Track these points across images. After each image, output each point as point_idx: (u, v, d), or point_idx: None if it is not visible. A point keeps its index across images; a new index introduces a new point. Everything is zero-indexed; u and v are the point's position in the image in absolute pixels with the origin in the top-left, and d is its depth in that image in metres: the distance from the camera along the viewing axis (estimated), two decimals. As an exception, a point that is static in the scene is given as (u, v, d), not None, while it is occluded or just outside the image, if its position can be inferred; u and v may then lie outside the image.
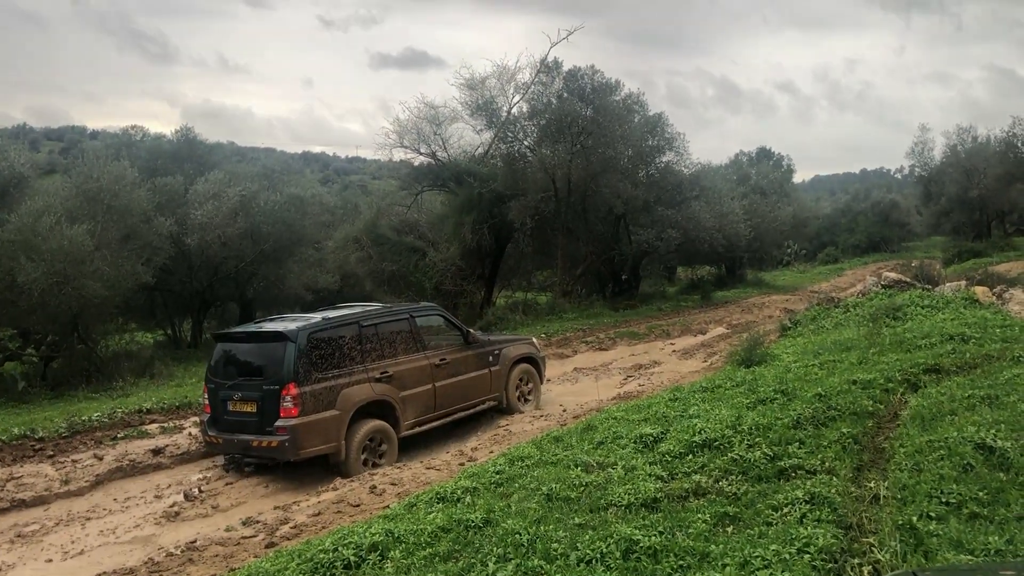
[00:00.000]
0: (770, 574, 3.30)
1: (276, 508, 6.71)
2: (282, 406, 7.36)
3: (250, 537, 5.87)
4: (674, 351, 14.40)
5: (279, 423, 7.35)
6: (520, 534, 4.05)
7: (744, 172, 33.37)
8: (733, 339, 13.55)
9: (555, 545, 3.88)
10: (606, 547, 3.74)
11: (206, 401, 8.12)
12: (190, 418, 9.92)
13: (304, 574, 4.15)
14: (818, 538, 3.53)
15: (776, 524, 3.87)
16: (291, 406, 7.34)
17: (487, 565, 3.78)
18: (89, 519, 7.09)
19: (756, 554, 3.47)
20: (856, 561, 3.42)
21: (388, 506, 5.64)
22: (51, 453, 8.63)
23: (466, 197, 20.46)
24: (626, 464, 5.13)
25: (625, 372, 12.68)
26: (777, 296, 23.88)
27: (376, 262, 21.12)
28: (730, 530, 3.91)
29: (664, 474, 4.86)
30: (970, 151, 33.47)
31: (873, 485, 4.33)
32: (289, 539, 5.59)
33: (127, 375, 12.80)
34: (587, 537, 3.91)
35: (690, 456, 5.13)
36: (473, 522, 4.39)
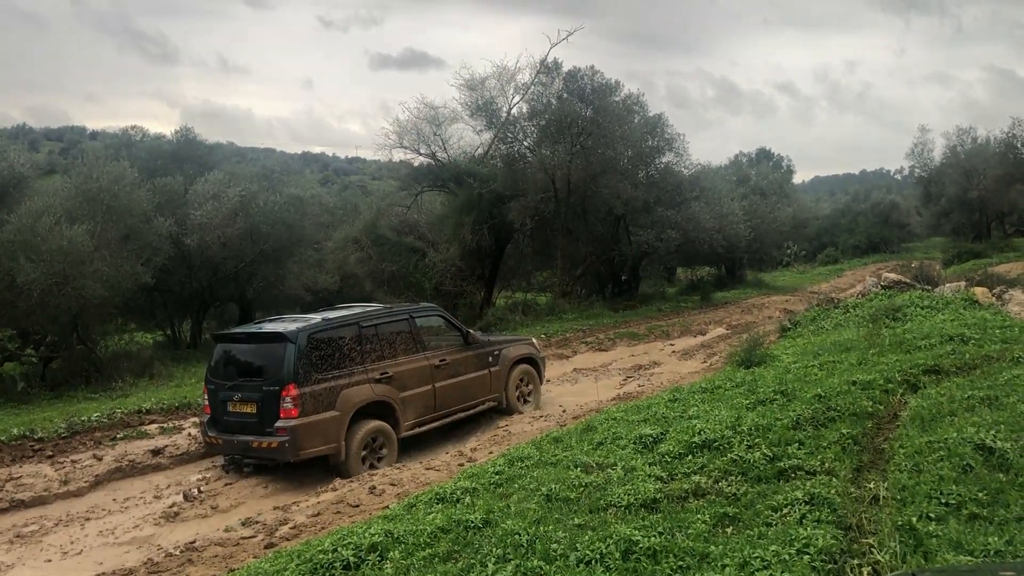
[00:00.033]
0: (770, 575, 3.31)
1: (275, 508, 6.71)
2: (282, 407, 7.36)
3: (249, 537, 5.87)
4: (674, 352, 14.40)
5: (279, 424, 7.35)
6: (519, 535, 4.05)
7: (744, 173, 33.40)
8: (733, 340, 13.55)
9: (555, 546, 3.88)
10: (606, 548, 3.74)
11: (206, 402, 8.12)
12: (189, 419, 9.92)
13: (303, 574, 4.15)
14: (818, 539, 3.54)
15: (776, 525, 3.87)
16: (291, 407, 7.34)
17: (486, 566, 3.78)
18: (88, 519, 7.09)
19: (756, 555, 3.47)
20: (856, 562, 3.42)
21: (387, 507, 5.63)
22: (50, 453, 8.63)
23: (466, 198, 20.46)
24: (626, 465, 5.13)
25: (625, 373, 12.68)
26: (777, 297, 23.88)
27: (376, 263, 21.12)
28: (730, 531, 3.91)
29: (664, 475, 4.86)
30: (970, 152, 33.48)
31: (873, 486, 4.33)
32: (288, 540, 5.58)
33: (126, 375, 12.80)
34: (587, 538, 3.91)
35: (690, 457, 5.13)
36: (472, 523, 4.39)
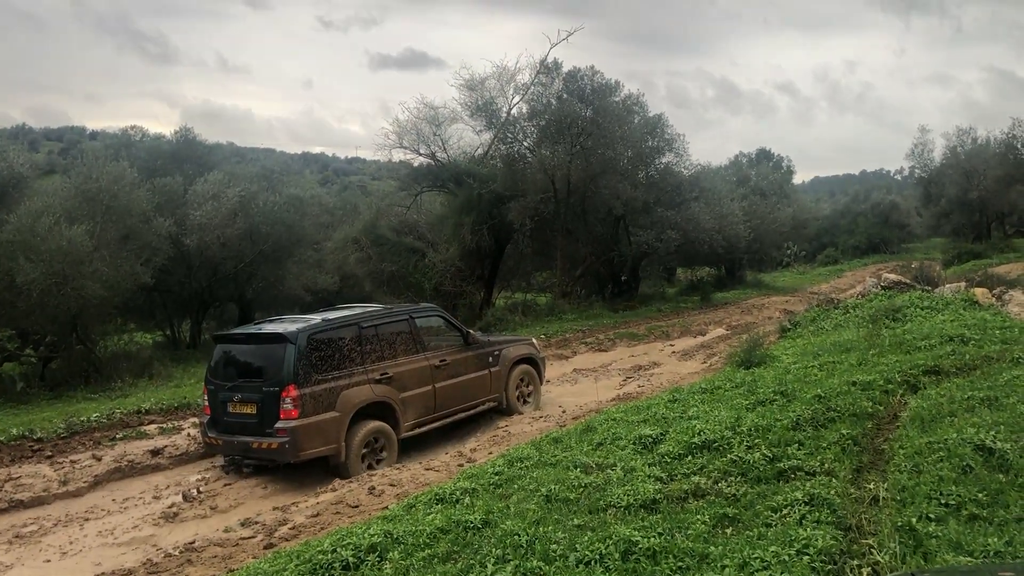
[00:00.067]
0: (769, 575, 3.30)
1: (275, 509, 6.70)
2: (282, 408, 7.36)
3: (248, 538, 5.86)
4: (673, 352, 14.40)
5: (279, 425, 7.34)
6: (519, 535, 4.05)
7: (744, 173, 33.40)
8: (732, 340, 13.54)
9: (554, 546, 3.88)
10: (605, 548, 3.74)
11: (206, 402, 8.11)
12: (189, 419, 9.91)
13: (302, 575, 4.15)
14: (817, 539, 3.54)
15: (775, 525, 3.87)
16: (291, 408, 7.33)
17: (486, 566, 3.78)
18: (87, 520, 7.08)
19: (755, 555, 3.47)
20: (855, 562, 3.42)
21: (387, 507, 5.63)
22: (49, 454, 8.62)
23: (465, 198, 20.45)
24: (625, 465, 5.13)
25: (624, 373, 12.67)
26: (776, 297, 23.88)
27: (375, 263, 21.12)
28: (729, 531, 3.91)
29: (663, 475, 4.86)
30: (970, 153, 33.46)
31: (872, 486, 4.33)
32: (288, 540, 5.58)
33: (126, 376, 12.78)
34: (586, 538, 3.91)
35: (689, 457, 5.13)
36: (472, 523, 4.38)
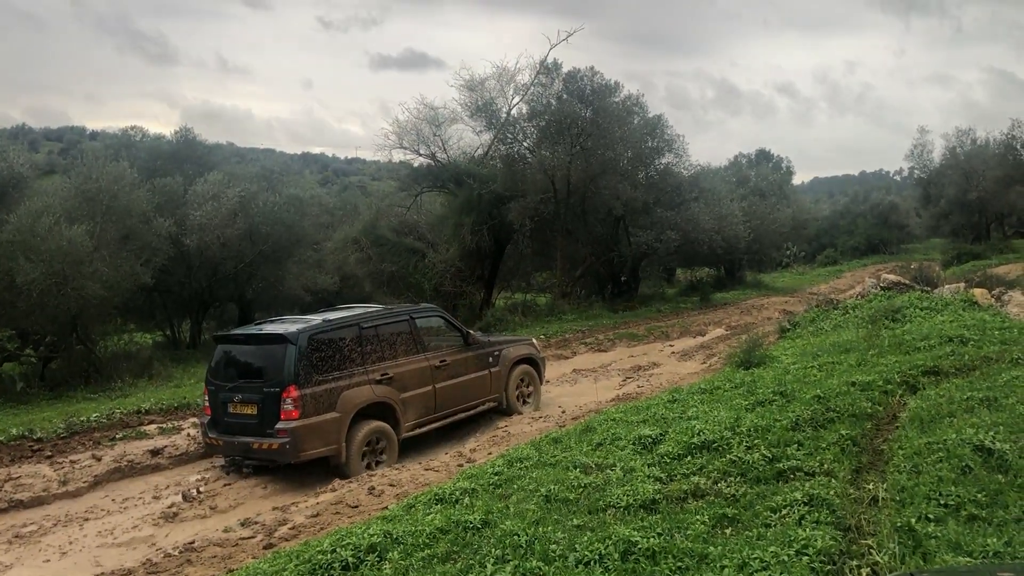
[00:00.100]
0: (768, 575, 3.31)
1: (274, 509, 6.70)
2: (282, 408, 7.36)
3: (248, 538, 5.86)
4: (673, 353, 14.40)
5: (280, 425, 7.34)
6: (519, 535, 4.05)
7: (743, 174, 33.42)
8: (732, 341, 13.55)
9: (553, 546, 3.88)
10: (605, 548, 3.74)
11: (206, 403, 8.11)
12: (189, 419, 9.91)
13: (302, 575, 4.15)
14: (817, 540, 3.54)
15: (775, 526, 3.88)
16: (291, 408, 7.34)
17: (485, 566, 3.78)
18: (87, 520, 7.08)
19: (755, 556, 3.47)
20: (855, 563, 3.43)
21: (386, 507, 5.64)
22: (49, 454, 8.62)
23: (465, 198, 20.46)
24: (625, 466, 5.13)
25: (624, 373, 12.67)
26: (776, 298, 23.89)
27: (375, 263, 21.12)
28: (729, 532, 3.92)
29: (663, 476, 4.87)
30: (969, 153, 33.51)
31: (872, 487, 4.33)
32: (287, 540, 5.58)
33: (126, 376, 12.79)
34: (586, 538, 3.91)
35: (689, 458, 5.13)
36: (471, 523, 4.39)
